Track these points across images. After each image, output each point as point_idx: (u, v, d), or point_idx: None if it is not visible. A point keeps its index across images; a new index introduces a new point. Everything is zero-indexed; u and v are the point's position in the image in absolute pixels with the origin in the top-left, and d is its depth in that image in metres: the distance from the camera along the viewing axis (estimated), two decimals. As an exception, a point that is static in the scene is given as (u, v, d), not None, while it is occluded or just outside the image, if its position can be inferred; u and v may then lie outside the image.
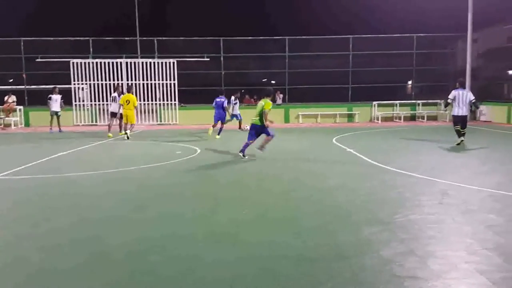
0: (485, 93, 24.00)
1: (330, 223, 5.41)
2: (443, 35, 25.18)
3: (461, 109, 12.56)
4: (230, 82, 24.95)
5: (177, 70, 22.09)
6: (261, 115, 10.15)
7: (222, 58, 24.38)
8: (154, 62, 22.43)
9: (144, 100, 22.33)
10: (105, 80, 22.05)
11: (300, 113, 23.56)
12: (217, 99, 15.43)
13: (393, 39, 24.77)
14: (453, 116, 12.73)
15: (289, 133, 17.58)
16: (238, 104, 18.89)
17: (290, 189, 7.38)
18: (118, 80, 21.94)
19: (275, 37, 24.90)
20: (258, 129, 10.35)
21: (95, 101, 22.39)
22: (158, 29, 36.11)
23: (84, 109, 22.76)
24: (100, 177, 8.68)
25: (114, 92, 17.29)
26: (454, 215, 5.68)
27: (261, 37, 24.38)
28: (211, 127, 15.61)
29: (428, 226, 5.24)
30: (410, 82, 26.43)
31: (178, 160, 10.60)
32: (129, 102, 15.49)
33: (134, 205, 6.43)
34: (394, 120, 23.71)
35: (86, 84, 22.43)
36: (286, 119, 23.65)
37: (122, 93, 16.76)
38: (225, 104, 15.48)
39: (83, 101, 22.83)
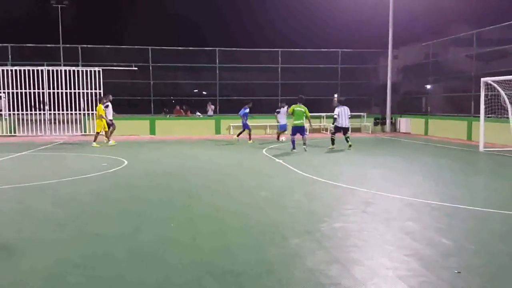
0: (405, 106, 25.53)
1: (258, 237, 5.39)
2: (366, 50, 26.53)
3: (344, 122, 15.20)
4: (159, 93, 24.51)
5: (103, 79, 21.31)
6: (303, 118, 14.00)
7: (150, 68, 23.90)
8: (77, 70, 21.50)
9: (66, 110, 21.32)
10: (25, 89, 20.84)
11: (231, 124, 23.60)
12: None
13: (319, 53, 25.67)
14: (337, 127, 15.26)
15: (220, 144, 17.51)
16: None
17: (218, 203, 7.29)
18: (38, 88, 20.86)
19: (205, 48, 24.88)
20: (299, 130, 14.14)
21: (14, 110, 21.05)
22: (82, 36, 34.74)
23: (2, 119, 21.30)
24: (15, 191, 8.08)
25: (105, 101, 16.78)
26: (376, 223, 5.91)
27: (191, 48, 24.25)
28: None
29: (352, 234, 5.39)
30: (336, 96, 27.47)
31: (103, 172, 10.15)
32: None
33: (53, 223, 6.03)
34: (322, 131, 24.47)
35: (4, 92, 21.06)
36: (217, 131, 23.60)
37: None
38: (240, 113, 17.71)
39: (0, 110, 21.39)
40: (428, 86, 24.16)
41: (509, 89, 15.29)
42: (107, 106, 16.48)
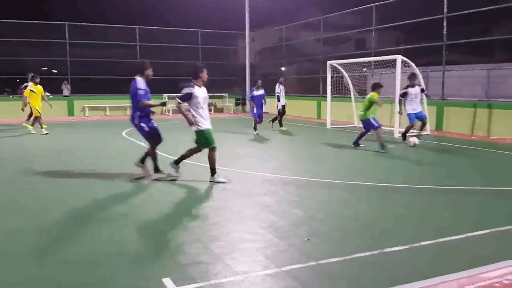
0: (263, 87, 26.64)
1: (119, 224, 5.20)
2: (226, 32, 26.96)
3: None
4: (2, 70, 21.79)
5: None
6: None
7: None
8: None
9: None
10: None
11: (86, 105, 22.16)
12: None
13: (179, 32, 25.32)
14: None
15: (73, 128, 16.33)
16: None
17: (58, 200, 6.82)
18: None
19: (53, 22, 22.72)
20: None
21: None
22: None
23: None
24: None
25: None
26: (237, 199, 6.12)
27: (36, 21, 21.95)
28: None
29: (214, 212, 5.51)
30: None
31: None
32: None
33: None
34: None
35: None
36: (71, 112, 21.99)
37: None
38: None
39: None
40: (283, 68, 25.57)
41: (351, 71, 16.97)
42: None
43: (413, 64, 13.57)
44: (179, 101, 6.95)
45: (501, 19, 16.63)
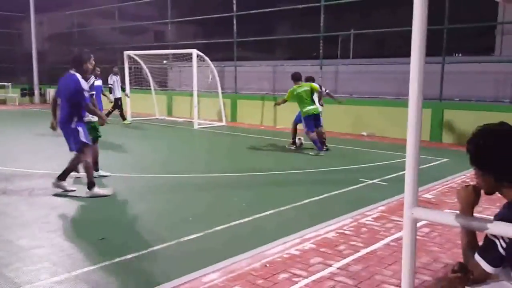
0: (54, 77, 24.34)
1: None
2: (7, 14, 23.61)
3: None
4: None
5: None
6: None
7: None
8: None
9: None
10: None
11: None
12: None
13: None
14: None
15: None
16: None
17: None
18: None
19: None
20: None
21: None
22: None
23: None
24: None
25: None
26: (18, 202, 5.46)
27: None
28: None
29: (-11, 219, 4.81)
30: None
31: None
32: None
33: None
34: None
35: None
36: None
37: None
38: None
39: None
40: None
41: (151, 63, 16.83)
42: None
43: (207, 59, 14.18)
44: None
45: (283, 20, 18.71)
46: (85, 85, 5.71)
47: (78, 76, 5.68)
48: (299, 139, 9.81)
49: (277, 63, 15.70)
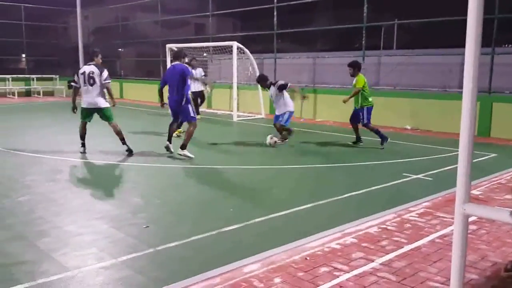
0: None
1: None
2: (54, 8, 24.50)
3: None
4: None
5: None
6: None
7: None
8: None
9: None
10: None
11: None
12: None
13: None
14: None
15: None
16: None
17: None
18: None
19: None
20: None
21: None
22: None
23: None
24: None
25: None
26: (64, 190, 5.67)
27: None
28: None
29: (39, 206, 5.01)
30: (24, 56, 24.68)
31: None
32: None
33: None
34: (8, 96, 21.68)
35: None
36: None
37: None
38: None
39: None
40: (121, 50, 24.40)
41: (192, 56, 17.01)
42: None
43: (247, 51, 14.17)
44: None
45: (323, 11, 18.43)
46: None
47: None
48: (272, 137, 9.18)
49: (318, 55, 15.51)
